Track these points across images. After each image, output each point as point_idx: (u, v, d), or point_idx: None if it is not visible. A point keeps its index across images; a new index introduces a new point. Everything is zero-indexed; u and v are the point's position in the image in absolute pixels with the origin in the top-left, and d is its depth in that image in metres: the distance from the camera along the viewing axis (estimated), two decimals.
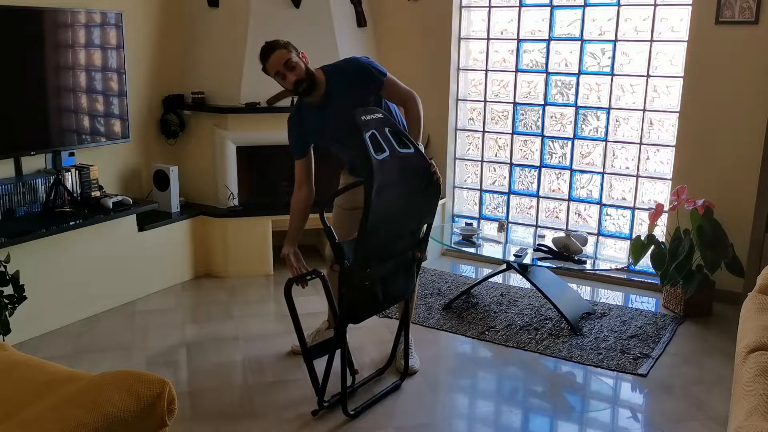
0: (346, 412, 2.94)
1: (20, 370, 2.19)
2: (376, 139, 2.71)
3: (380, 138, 2.73)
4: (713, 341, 3.74)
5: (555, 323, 3.91)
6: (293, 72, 2.96)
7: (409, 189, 2.84)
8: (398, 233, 2.91)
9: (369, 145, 2.66)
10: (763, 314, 2.67)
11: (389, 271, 2.92)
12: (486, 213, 5.17)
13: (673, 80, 4.32)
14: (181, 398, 2.91)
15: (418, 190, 2.89)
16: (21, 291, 3.22)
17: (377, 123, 2.77)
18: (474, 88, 5.08)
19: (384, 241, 2.83)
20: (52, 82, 3.89)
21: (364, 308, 2.90)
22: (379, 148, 2.70)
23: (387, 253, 2.88)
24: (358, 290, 2.80)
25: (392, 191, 2.72)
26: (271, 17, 4.57)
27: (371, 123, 2.73)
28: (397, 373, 3.32)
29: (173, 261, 4.51)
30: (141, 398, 1.93)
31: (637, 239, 4.06)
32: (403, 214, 2.87)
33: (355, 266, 2.75)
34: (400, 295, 3.07)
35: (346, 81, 3.05)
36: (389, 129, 2.81)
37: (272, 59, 2.96)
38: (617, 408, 3.14)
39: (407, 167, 2.82)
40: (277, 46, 2.98)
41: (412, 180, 2.84)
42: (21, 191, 3.79)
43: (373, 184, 2.61)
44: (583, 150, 4.73)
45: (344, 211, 3.30)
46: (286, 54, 2.96)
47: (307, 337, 3.48)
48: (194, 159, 4.78)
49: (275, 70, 2.99)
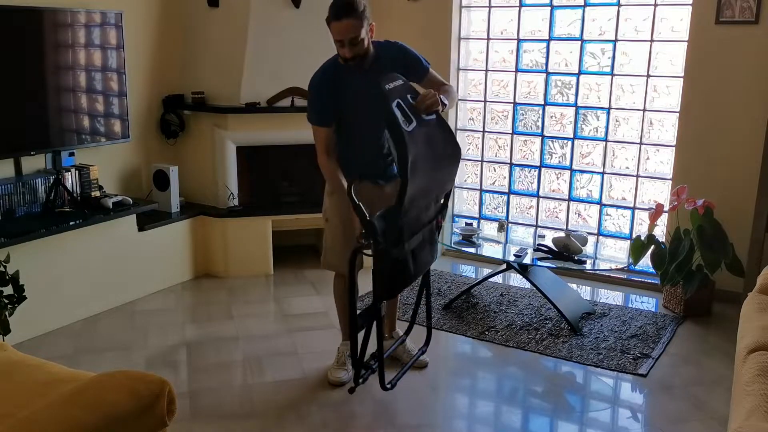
0: (384, 387, 2.94)
1: (20, 370, 2.19)
2: (401, 107, 2.63)
3: (405, 106, 2.65)
4: (713, 341, 3.74)
5: (555, 323, 3.91)
6: (354, 48, 2.79)
7: (436, 157, 2.76)
8: (427, 204, 2.87)
9: (398, 116, 2.55)
10: (763, 314, 2.67)
11: (418, 243, 2.88)
12: (486, 213, 5.17)
13: (673, 80, 4.32)
14: (181, 398, 2.91)
15: (442, 158, 2.83)
16: (21, 291, 3.22)
17: (399, 91, 2.69)
18: (474, 88, 5.07)
19: (416, 214, 2.78)
20: (52, 82, 3.89)
21: (398, 282, 2.85)
22: (407, 118, 2.62)
23: (417, 225, 2.84)
24: (393, 265, 2.74)
25: (423, 162, 2.65)
26: (271, 17, 4.57)
27: (394, 91, 2.65)
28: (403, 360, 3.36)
29: (173, 261, 4.51)
30: (141, 398, 1.93)
31: (637, 239, 4.06)
32: (431, 184, 2.81)
33: (389, 243, 2.68)
34: (428, 263, 3.05)
35: (392, 58, 2.97)
36: (411, 96, 2.75)
37: (343, 25, 2.74)
38: (617, 408, 3.14)
39: (432, 134, 2.76)
40: (353, 12, 2.73)
41: (437, 148, 2.77)
42: (21, 191, 3.79)
43: (408, 158, 2.51)
44: (583, 150, 4.73)
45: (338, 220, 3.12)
46: (358, 28, 2.74)
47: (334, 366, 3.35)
48: (194, 159, 4.78)
49: (338, 38, 2.79)
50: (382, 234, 2.67)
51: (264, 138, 4.68)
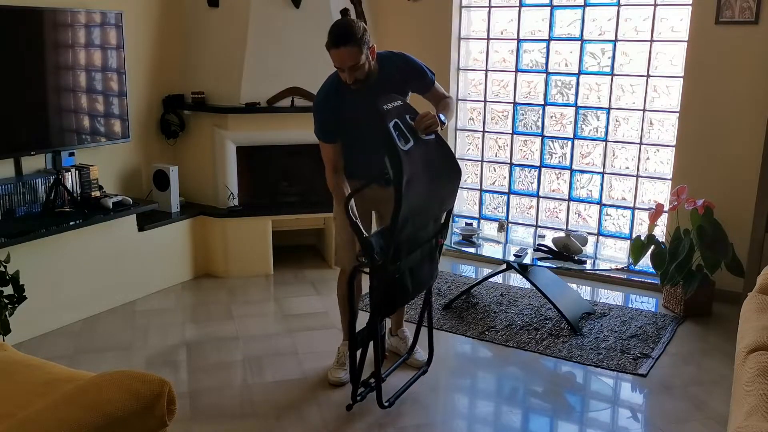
0: (381, 405, 2.94)
1: (20, 370, 2.19)
2: (399, 127, 2.66)
3: (403, 126, 2.68)
4: (713, 341, 3.74)
5: (555, 323, 3.91)
6: (354, 74, 2.80)
7: (433, 176, 2.79)
8: (424, 222, 2.89)
9: (394, 136, 2.58)
10: (763, 314, 2.66)
11: (416, 261, 2.90)
12: (486, 213, 5.17)
13: (673, 80, 4.32)
14: (181, 398, 2.91)
15: (440, 177, 2.85)
16: (21, 291, 3.22)
17: (398, 111, 2.72)
18: (474, 88, 5.08)
19: (413, 232, 2.80)
20: (52, 82, 3.89)
21: (395, 300, 2.89)
22: (404, 138, 2.65)
23: (415, 243, 2.86)
24: (390, 283, 2.77)
25: (419, 181, 2.68)
26: (271, 17, 4.57)
27: (392, 111, 2.68)
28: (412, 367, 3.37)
29: (173, 261, 4.51)
30: (141, 398, 1.93)
31: (637, 239, 4.06)
32: (429, 203, 2.83)
33: (386, 260, 2.70)
34: (427, 282, 3.07)
35: (397, 68, 2.97)
36: (410, 116, 2.77)
37: (341, 53, 2.74)
38: (617, 408, 3.14)
39: (430, 154, 2.79)
40: (351, 40, 2.72)
41: (435, 167, 2.80)
42: (21, 191, 3.79)
43: (402, 177, 2.55)
44: (583, 150, 4.73)
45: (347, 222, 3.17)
46: (357, 55, 2.74)
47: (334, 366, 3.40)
48: (194, 159, 4.78)
49: (338, 64, 2.80)
50: (380, 251, 2.71)
51: (264, 138, 4.68)
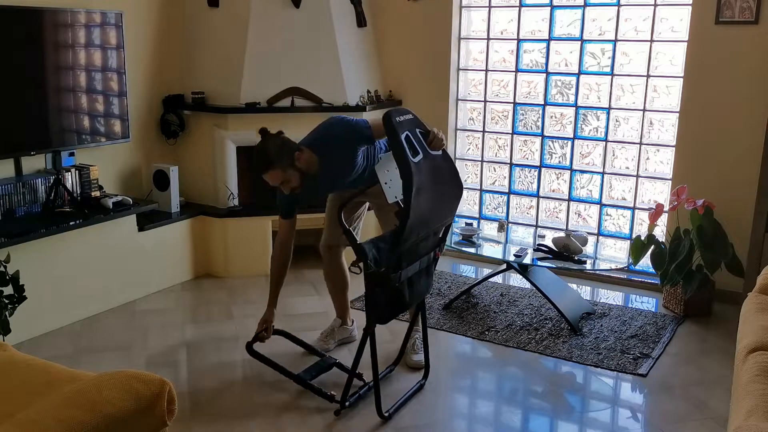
0: (381, 415, 2.94)
1: (20, 370, 2.19)
2: (410, 140, 2.73)
3: (413, 139, 2.75)
4: (713, 341, 3.74)
5: (555, 323, 3.91)
6: (288, 185, 3.02)
7: (439, 190, 2.86)
8: (426, 235, 2.94)
9: (405, 148, 2.67)
10: (763, 314, 2.67)
11: (415, 272, 2.96)
12: (486, 213, 5.17)
13: (673, 80, 4.33)
14: (181, 398, 2.90)
15: (444, 191, 2.93)
16: (21, 291, 3.22)
17: (409, 124, 2.80)
18: (474, 88, 5.08)
19: (415, 242, 2.86)
20: (52, 82, 3.89)
21: (392, 309, 2.93)
22: (413, 150, 2.72)
23: (416, 254, 2.92)
24: (389, 292, 2.83)
25: (426, 192, 2.75)
26: (271, 17, 4.57)
27: (404, 124, 2.76)
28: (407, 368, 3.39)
29: (173, 261, 4.51)
30: (141, 398, 1.93)
31: (637, 239, 4.06)
32: (433, 215, 2.89)
33: (387, 269, 2.77)
34: (423, 293, 3.13)
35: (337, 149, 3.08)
36: (420, 131, 2.85)
37: (269, 176, 2.99)
38: (617, 408, 3.14)
39: (438, 168, 2.86)
40: (270, 166, 2.96)
41: (441, 181, 2.87)
42: (21, 191, 3.79)
43: (412, 187, 2.63)
44: (583, 150, 4.73)
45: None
46: (280, 175, 2.98)
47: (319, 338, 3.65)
48: (194, 159, 4.78)
49: (272, 184, 3.04)
50: (373, 259, 2.78)
51: None
